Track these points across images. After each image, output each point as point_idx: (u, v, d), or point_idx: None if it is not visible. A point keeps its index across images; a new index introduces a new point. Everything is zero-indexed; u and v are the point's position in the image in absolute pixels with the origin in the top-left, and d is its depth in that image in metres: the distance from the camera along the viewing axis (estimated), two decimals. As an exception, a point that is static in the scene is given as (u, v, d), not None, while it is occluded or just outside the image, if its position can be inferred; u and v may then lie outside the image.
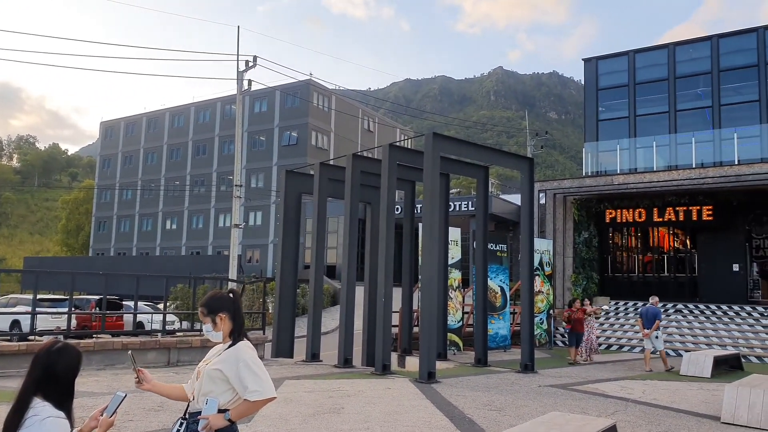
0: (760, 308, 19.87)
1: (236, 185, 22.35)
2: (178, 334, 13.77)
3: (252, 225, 45.08)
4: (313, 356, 13.21)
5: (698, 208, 21.97)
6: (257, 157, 46.49)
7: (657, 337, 13.82)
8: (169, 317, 19.43)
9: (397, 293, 13.31)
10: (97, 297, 19.72)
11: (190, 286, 19.99)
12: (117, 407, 2.68)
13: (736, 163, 22.08)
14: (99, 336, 12.23)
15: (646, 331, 13.72)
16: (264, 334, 14.58)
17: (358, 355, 13.33)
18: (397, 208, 21.34)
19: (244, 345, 3.07)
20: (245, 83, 22.18)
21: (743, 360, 14.75)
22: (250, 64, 21.95)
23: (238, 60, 22.12)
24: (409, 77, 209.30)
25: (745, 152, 23.78)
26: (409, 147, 19.41)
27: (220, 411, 2.93)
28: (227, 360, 2.99)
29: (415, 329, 14.90)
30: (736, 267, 21.62)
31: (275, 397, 3.01)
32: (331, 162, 15.60)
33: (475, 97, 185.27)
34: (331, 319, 25.70)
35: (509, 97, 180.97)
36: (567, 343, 15.71)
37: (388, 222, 11.56)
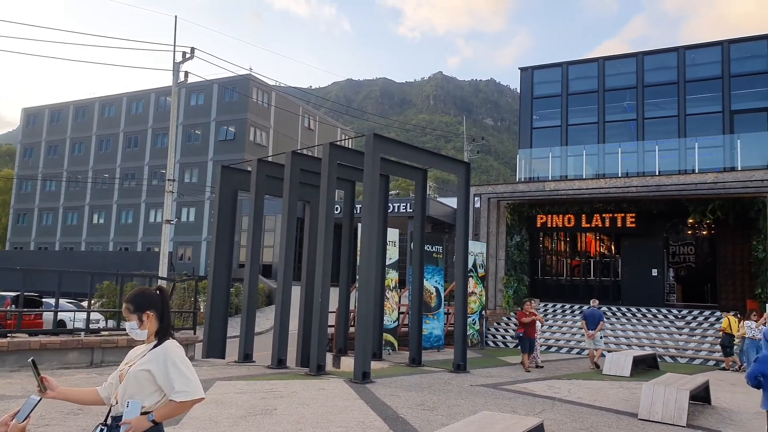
0: (674, 311, 21.14)
1: (169, 180, 21.61)
2: (104, 333, 13.19)
3: (185, 221, 43.74)
4: (246, 357, 12.96)
5: (623, 215, 23.13)
6: (192, 151, 45.16)
7: (601, 338, 14.84)
8: (94, 315, 18.58)
9: (334, 293, 13.26)
10: (13, 294, 18.56)
11: (118, 284, 19.13)
12: (30, 412, 2.52)
13: (657, 173, 23.37)
14: (14, 335, 11.52)
15: (590, 332, 14.49)
16: (195, 334, 14.17)
17: (293, 356, 13.17)
18: (337, 208, 21.24)
19: (172, 344, 2.96)
20: (182, 75, 21.51)
21: (659, 360, 15.67)
22: (188, 55, 21.31)
23: (174, 51, 21.44)
24: (350, 77, 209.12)
25: (665, 164, 25.22)
26: (350, 147, 19.40)
27: (144, 413, 2.81)
28: (155, 360, 2.86)
29: (351, 329, 14.90)
30: (654, 272, 22.90)
31: (203, 398, 2.91)
32: (270, 159, 15.37)
33: (415, 101, 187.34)
34: (265, 319, 25.30)
35: (448, 102, 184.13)
36: (521, 348, 14.07)
37: (327, 221, 11.50)
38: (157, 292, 3.07)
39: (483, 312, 19.73)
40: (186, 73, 21.71)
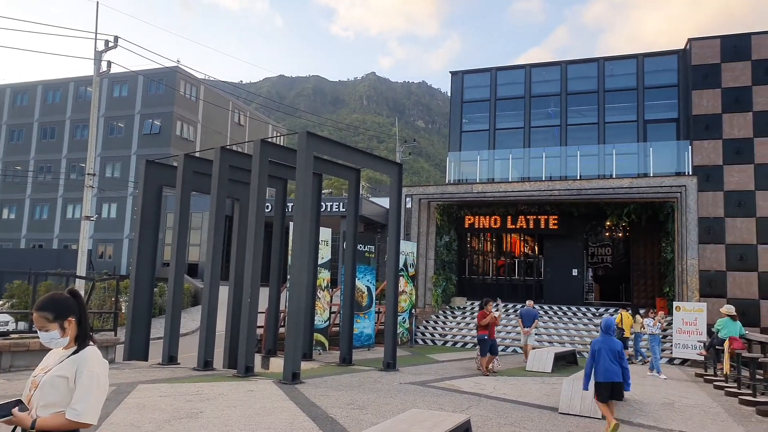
0: (593, 309, 22.26)
1: (89, 174, 20.54)
2: (13, 336, 12.38)
3: (105, 218, 41.72)
4: (171, 359, 12.53)
5: (546, 217, 24.11)
6: (114, 144, 43.12)
7: (535, 335, 16.16)
8: (3, 317, 17.46)
9: (263, 293, 13.05)
10: None
11: (30, 283, 18.01)
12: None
13: (579, 178, 24.51)
14: None
15: (526, 329, 15.57)
16: (116, 335, 13.58)
17: (220, 358, 12.88)
18: (267, 206, 20.88)
19: (97, 356, 2.78)
20: (104, 65, 20.48)
21: (578, 356, 16.46)
22: (110, 44, 20.31)
23: (96, 39, 20.39)
24: (283, 74, 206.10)
25: (586, 169, 26.51)
26: (282, 144, 19.16)
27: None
28: (72, 366, 2.70)
29: (281, 330, 14.73)
30: (575, 272, 24.01)
31: (92, 425, 2.70)
32: (197, 154, 14.92)
33: (349, 100, 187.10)
34: (191, 320, 24.56)
35: (381, 103, 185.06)
36: (480, 350, 13.42)
37: (257, 219, 11.30)
38: (71, 295, 2.87)
39: (413, 310, 20.01)
40: (109, 63, 20.70)
